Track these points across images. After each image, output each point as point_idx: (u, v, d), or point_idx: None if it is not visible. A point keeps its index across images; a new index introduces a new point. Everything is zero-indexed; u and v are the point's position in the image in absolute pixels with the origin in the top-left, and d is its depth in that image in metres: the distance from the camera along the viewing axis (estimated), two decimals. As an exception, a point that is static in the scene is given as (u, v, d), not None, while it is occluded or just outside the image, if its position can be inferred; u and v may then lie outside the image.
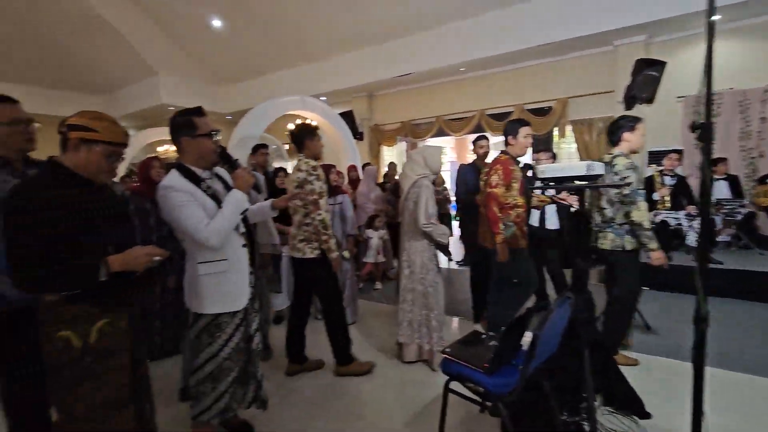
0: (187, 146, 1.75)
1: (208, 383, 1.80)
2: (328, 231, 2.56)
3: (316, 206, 2.54)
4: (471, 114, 7.22)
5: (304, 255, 2.62)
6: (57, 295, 1.33)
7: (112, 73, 9.29)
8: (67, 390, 1.36)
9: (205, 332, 1.78)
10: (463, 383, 1.89)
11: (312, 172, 2.55)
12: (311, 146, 2.67)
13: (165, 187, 1.66)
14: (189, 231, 1.66)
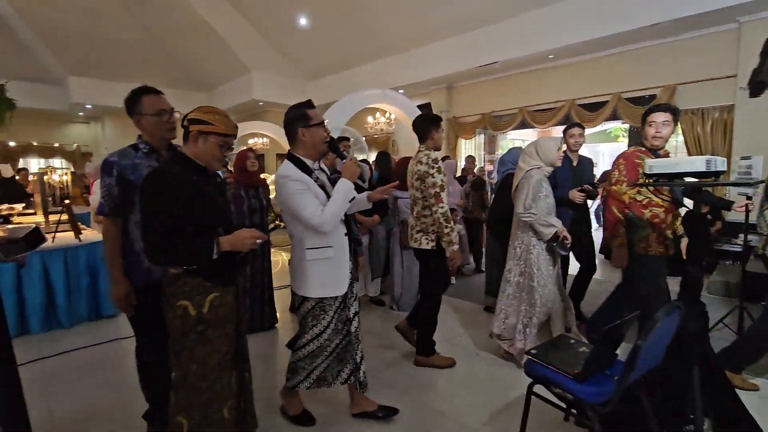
0: (303, 136, 1.90)
1: (307, 360, 1.99)
2: (449, 224, 2.54)
3: (437, 199, 2.53)
4: (559, 104, 6.75)
5: (419, 245, 2.68)
6: (179, 268, 1.51)
7: (213, 71, 10.23)
8: (184, 352, 1.55)
9: (310, 315, 1.96)
10: (549, 387, 1.81)
11: (433, 164, 2.54)
12: (436, 137, 2.65)
13: (283, 176, 1.83)
14: (305, 217, 1.80)
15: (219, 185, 1.72)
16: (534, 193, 2.65)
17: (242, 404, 1.73)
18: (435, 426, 2.14)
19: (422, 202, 2.64)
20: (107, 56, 9.24)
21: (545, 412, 2.07)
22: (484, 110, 7.87)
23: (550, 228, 2.62)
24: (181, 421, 1.55)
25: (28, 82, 9.42)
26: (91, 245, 3.67)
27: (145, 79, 11.00)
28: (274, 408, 2.27)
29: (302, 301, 1.97)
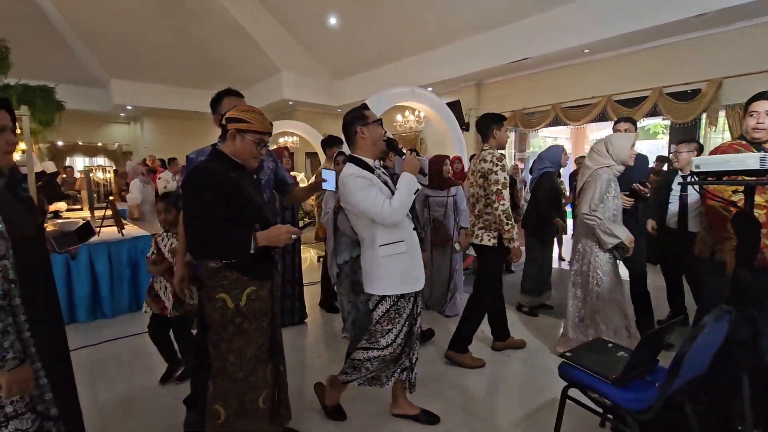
0: (362, 134, 1.93)
1: (376, 363, 1.98)
2: (510, 221, 2.56)
3: (499, 196, 2.56)
4: (595, 100, 6.53)
5: (480, 242, 2.70)
6: (218, 262, 1.56)
7: (245, 72, 10.49)
8: (222, 343, 1.60)
9: (385, 317, 1.93)
10: (584, 392, 1.75)
11: (497, 162, 2.58)
12: (499, 136, 2.67)
13: (347, 175, 1.85)
14: (373, 210, 1.82)
15: (255, 182, 1.77)
16: (601, 194, 2.56)
17: (277, 396, 1.77)
18: (464, 427, 2.12)
19: (485, 199, 2.68)
20: (146, 59, 9.65)
21: (580, 416, 2.01)
22: (515, 107, 7.71)
23: (612, 238, 2.53)
24: (218, 409, 1.60)
25: (75, 85, 9.96)
26: (133, 240, 3.85)
27: (180, 81, 11.45)
28: (303, 401, 2.31)
29: (377, 303, 1.94)
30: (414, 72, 8.30)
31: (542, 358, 2.88)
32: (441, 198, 3.73)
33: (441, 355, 2.91)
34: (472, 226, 2.81)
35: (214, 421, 1.61)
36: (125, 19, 8.52)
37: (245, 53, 9.53)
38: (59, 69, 9.36)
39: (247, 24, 8.57)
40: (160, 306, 2.41)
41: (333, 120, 11.13)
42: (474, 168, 2.77)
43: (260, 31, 8.84)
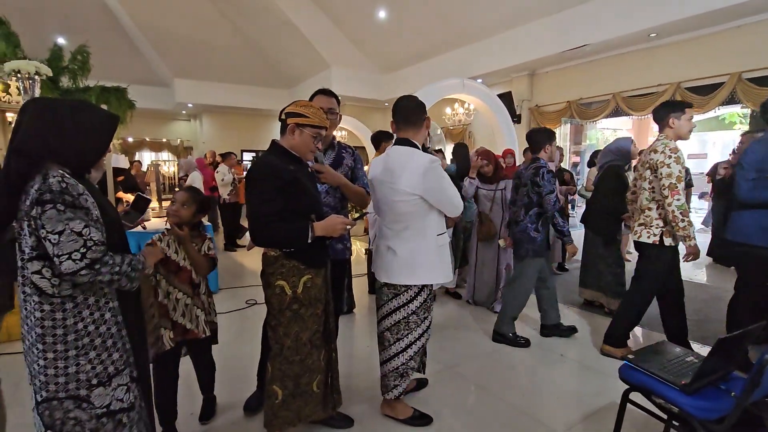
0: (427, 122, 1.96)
1: (417, 357, 1.99)
2: (686, 218, 2.38)
3: (673, 191, 2.38)
4: (661, 88, 6.06)
5: (639, 238, 2.59)
6: (277, 251, 1.64)
7: (296, 68, 10.78)
8: (280, 328, 1.68)
9: (423, 307, 1.95)
10: (648, 397, 1.66)
11: (671, 154, 2.40)
12: (677, 125, 2.48)
13: (434, 161, 1.85)
14: (453, 199, 1.87)
15: (311, 175, 1.83)
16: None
17: (329, 380, 1.83)
18: (515, 424, 2.08)
19: (649, 193, 2.53)
20: (205, 59, 10.19)
21: (641, 422, 1.91)
22: (571, 97, 7.33)
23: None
24: (276, 389, 1.69)
25: (143, 85, 10.72)
26: (195, 229, 4.11)
27: (237, 78, 11.94)
28: (351, 388, 2.37)
29: (416, 293, 1.92)
30: (463, 63, 8.12)
31: (601, 360, 2.75)
32: (489, 191, 3.65)
33: (490, 350, 2.87)
34: (633, 222, 2.69)
35: (272, 401, 1.70)
36: (188, 21, 9.06)
37: (296, 50, 9.78)
38: (130, 70, 10.12)
39: (298, 21, 8.79)
40: (179, 331, 1.83)
41: (381, 114, 11.18)
42: (642, 160, 2.61)
43: (310, 27, 9.03)
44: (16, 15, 5.91)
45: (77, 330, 1.20)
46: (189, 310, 1.82)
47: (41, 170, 1.15)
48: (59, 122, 1.20)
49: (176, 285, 1.80)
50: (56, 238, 1.10)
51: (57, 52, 6.09)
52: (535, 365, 2.72)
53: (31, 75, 3.32)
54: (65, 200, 1.12)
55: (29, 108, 1.21)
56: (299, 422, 1.76)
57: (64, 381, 1.20)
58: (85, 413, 1.24)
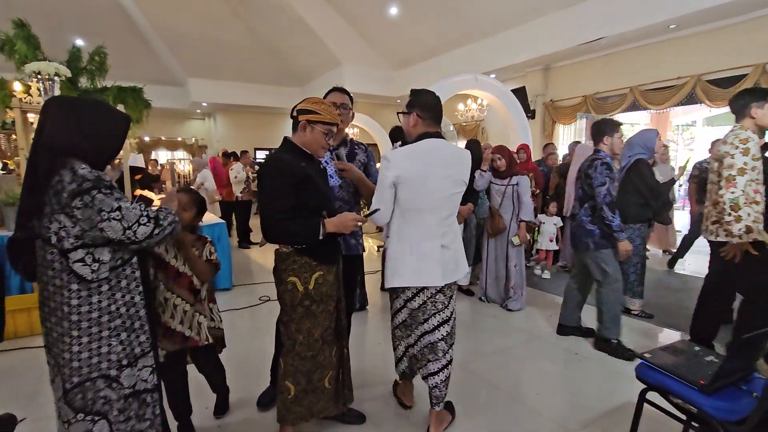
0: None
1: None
2: (736, 212, 2.26)
3: (730, 183, 2.29)
4: (681, 81, 5.89)
5: (716, 237, 2.47)
6: (289, 247, 1.65)
7: (307, 66, 10.82)
8: (292, 324, 1.69)
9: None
10: (665, 396, 1.62)
11: (738, 144, 2.29)
12: (760, 114, 2.34)
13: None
14: None
15: (322, 172, 1.83)
16: None
17: (341, 377, 1.84)
18: (528, 423, 2.06)
19: (718, 186, 2.41)
20: (219, 58, 10.29)
21: (658, 422, 1.87)
22: (587, 92, 7.20)
23: None
24: (289, 385, 1.71)
25: (158, 84, 10.87)
26: (210, 226, 4.17)
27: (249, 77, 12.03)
28: (364, 385, 2.38)
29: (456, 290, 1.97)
30: (476, 59, 8.04)
31: (618, 359, 2.70)
32: (500, 186, 3.61)
33: (504, 348, 2.85)
34: (706, 220, 2.55)
35: (285, 396, 1.72)
36: (201, 21, 9.15)
37: (308, 48, 9.81)
38: (146, 71, 10.28)
39: (309, 19, 8.80)
40: (177, 339, 1.71)
41: (392, 111, 11.13)
42: (713, 151, 2.54)
43: (322, 24, 9.04)
44: (36, 18, 6.06)
45: (110, 312, 1.26)
46: (189, 316, 1.72)
47: (66, 165, 1.20)
48: (80, 119, 1.25)
49: (175, 291, 1.70)
50: (119, 215, 1.20)
51: (76, 54, 6.23)
52: (549, 364, 2.69)
53: (50, 76, 3.40)
54: (105, 184, 1.21)
55: (52, 106, 1.26)
56: (311, 418, 1.77)
57: (97, 361, 1.26)
58: (114, 393, 1.29)
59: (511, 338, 3.07)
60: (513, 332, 3.17)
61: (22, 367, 2.63)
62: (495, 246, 3.73)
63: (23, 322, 3.08)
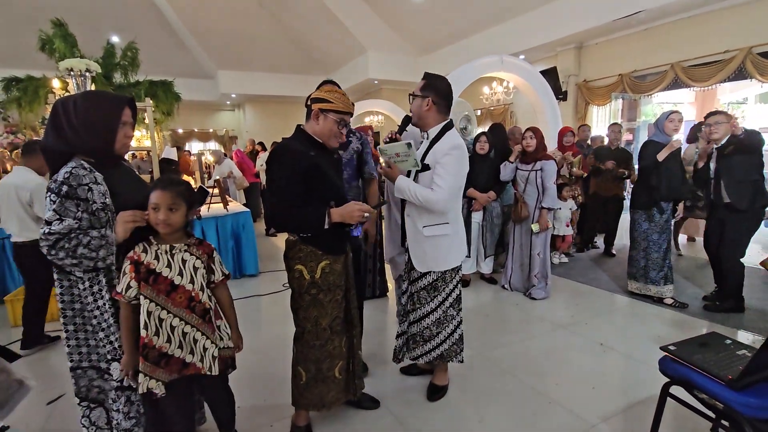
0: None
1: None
2: None
3: None
4: (729, 55, 5.45)
5: None
6: (295, 235, 1.66)
7: (332, 54, 10.80)
8: (300, 311, 1.71)
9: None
10: (690, 391, 1.53)
11: None
12: None
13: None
14: None
15: (335, 161, 1.80)
16: None
17: (351, 366, 1.84)
18: (548, 414, 2.01)
19: None
20: (246, 50, 10.46)
21: (684, 417, 1.77)
22: (623, 70, 6.80)
23: None
24: (300, 371, 1.73)
25: (189, 78, 11.22)
26: (235, 215, 4.28)
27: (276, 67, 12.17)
28: (378, 371, 2.39)
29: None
30: (505, 40, 7.75)
31: (644, 349, 2.59)
32: (524, 171, 3.48)
33: (525, 337, 2.78)
34: None
35: (298, 381, 1.75)
36: (228, 13, 9.31)
37: (333, 35, 9.78)
38: (176, 64, 10.61)
39: (334, 6, 8.75)
40: (175, 366, 1.38)
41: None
42: None
43: (346, 12, 8.97)
44: (73, 17, 6.35)
45: (89, 309, 1.32)
46: (190, 340, 1.39)
47: (72, 161, 1.28)
48: (68, 116, 1.30)
49: (170, 310, 1.35)
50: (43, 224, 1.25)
51: (110, 50, 6.49)
52: (571, 353, 2.60)
53: (82, 72, 3.56)
54: (60, 190, 1.24)
55: (52, 109, 1.33)
56: (323, 408, 1.78)
57: (86, 352, 1.33)
58: (107, 383, 1.37)
59: (534, 327, 2.99)
60: (535, 321, 3.09)
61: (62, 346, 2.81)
62: (520, 233, 3.63)
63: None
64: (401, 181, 1.85)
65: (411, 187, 1.84)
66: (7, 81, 6.43)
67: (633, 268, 3.46)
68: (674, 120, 3.15)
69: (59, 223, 1.23)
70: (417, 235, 1.95)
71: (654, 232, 3.28)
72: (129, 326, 1.34)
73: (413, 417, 1.99)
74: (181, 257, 1.39)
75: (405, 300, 2.09)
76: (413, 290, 2.04)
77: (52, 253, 1.23)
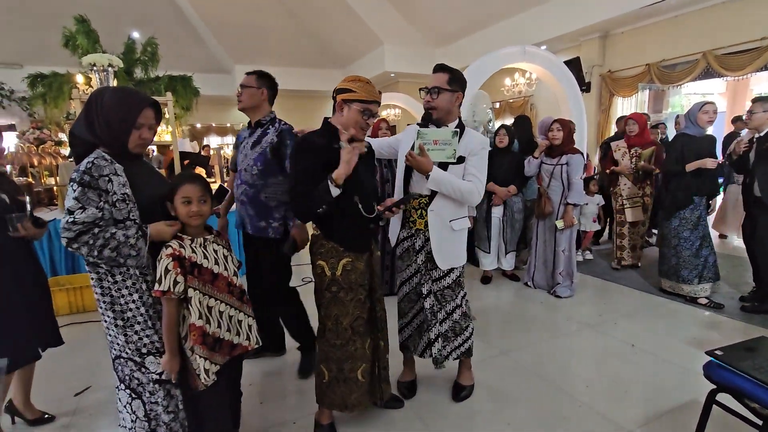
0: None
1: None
2: None
3: None
4: (766, 42, 5.19)
5: None
6: (318, 230, 1.62)
7: (349, 48, 10.72)
8: (322, 308, 1.67)
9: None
10: (739, 399, 1.44)
11: None
12: None
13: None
14: None
15: (364, 155, 1.68)
16: None
17: (377, 370, 1.78)
18: (575, 417, 1.93)
19: None
20: (262, 44, 10.45)
21: (726, 425, 1.68)
22: (650, 60, 6.54)
23: None
24: (323, 370, 1.70)
25: (206, 73, 11.26)
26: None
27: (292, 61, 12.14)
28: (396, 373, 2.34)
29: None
30: (525, 30, 7.54)
31: (679, 352, 2.48)
32: (549, 165, 3.37)
33: (547, 336, 2.70)
34: None
35: (321, 380, 1.72)
36: (245, 7, 9.31)
37: (349, 28, 9.69)
38: (195, 60, 10.67)
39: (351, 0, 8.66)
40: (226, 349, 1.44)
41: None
42: None
43: (362, 3, 8.87)
44: (94, 13, 6.42)
45: (120, 303, 1.32)
46: (235, 322, 1.47)
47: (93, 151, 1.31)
48: (96, 108, 1.32)
49: (216, 297, 1.41)
50: (65, 213, 1.25)
51: (130, 46, 6.55)
52: (600, 355, 2.51)
53: (105, 67, 3.58)
54: (83, 180, 1.25)
55: (89, 97, 1.36)
56: (346, 410, 1.73)
57: (123, 342, 1.34)
58: (144, 376, 1.36)
59: (560, 327, 2.90)
60: (561, 320, 3.00)
61: (88, 339, 2.85)
62: (544, 230, 3.52)
63: (90, 297, 3.35)
64: (438, 172, 1.75)
65: (450, 178, 1.77)
66: (32, 77, 6.57)
67: (664, 266, 3.33)
68: (708, 111, 3.00)
69: (82, 212, 1.23)
70: (443, 232, 1.88)
71: (685, 229, 3.14)
72: (174, 323, 1.35)
73: (440, 419, 1.94)
74: (212, 248, 1.44)
75: (430, 303, 1.93)
76: (436, 289, 1.95)
77: (73, 245, 1.23)
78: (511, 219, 3.68)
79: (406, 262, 1.99)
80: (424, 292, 1.93)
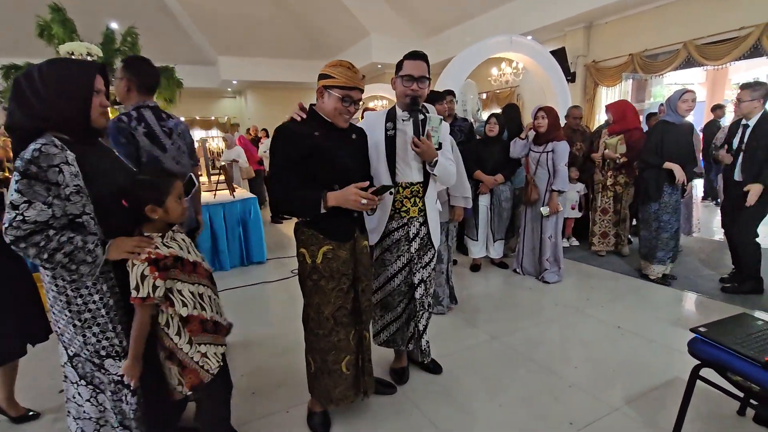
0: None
1: (377, 309, 2.00)
2: None
3: None
4: (744, 32, 5.28)
5: None
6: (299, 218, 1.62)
7: (336, 38, 10.60)
8: (305, 296, 1.66)
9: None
10: (722, 374, 1.49)
11: None
12: None
13: None
14: None
15: (352, 142, 1.68)
16: None
17: (360, 362, 1.73)
18: (565, 397, 1.98)
19: None
20: (247, 35, 10.27)
21: (708, 399, 1.74)
22: (634, 50, 6.62)
23: None
24: (310, 359, 1.70)
25: (189, 64, 11.04)
26: (243, 201, 4.23)
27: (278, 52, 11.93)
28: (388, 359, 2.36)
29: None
30: (512, 19, 7.55)
31: (663, 332, 2.55)
32: (536, 153, 3.40)
33: (538, 322, 2.75)
34: None
35: (309, 369, 1.72)
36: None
37: (335, 19, 9.58)
38: (177, 51, 10.43)
39: (336, -12, 8.55)
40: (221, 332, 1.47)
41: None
42: None
43: (350, -6, 8.77)
44: (70, 3, 6.19)
45: (77, 303, 1.22)
46: (215, 304, 1.47)
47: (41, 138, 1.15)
48: (35, 88, 1.15)
49: (201, 283, 1.41)
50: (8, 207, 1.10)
51: (109, 36, 6.36)
52: (588, 337, 2.57)
53: (83, 56, 3.47)
54: (28, 170, 1.09)
55: (13, 85, 1.19)
56: (331, 404, 1.72)
57: (82, 342, 1.25)
58: (105, 377, 1.30)
59: (548, 311, 2.95)
60: (550, 305, 3.05)
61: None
62: (531, 216, 3.57)
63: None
64: (441, 158, 1.80)
65: (446, 163, 1.85)
66: (6, 69, 6.33)
67: (644, 248, 3.42)
68: (687, 100, 3.07)
69: (28, 207, 1.08)
70: (432, 213, 1.94)
71: (665, 213, 3.23)
72: (146, 330, 1.28)
73: (432, 403, 1.96)
74: (180, 237, 1.39)
75: (420, 293, 1.90)
76: (425, 276, 1.94)
77: (20, 245, 1.08)
78: (498, 207, 3.71)
79: (396, 253, 1.89)
80: (416, 281, 1.89)
